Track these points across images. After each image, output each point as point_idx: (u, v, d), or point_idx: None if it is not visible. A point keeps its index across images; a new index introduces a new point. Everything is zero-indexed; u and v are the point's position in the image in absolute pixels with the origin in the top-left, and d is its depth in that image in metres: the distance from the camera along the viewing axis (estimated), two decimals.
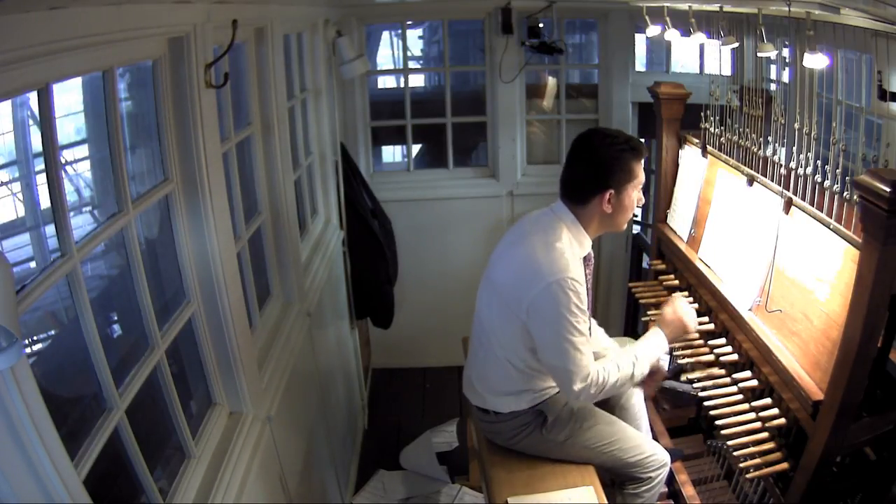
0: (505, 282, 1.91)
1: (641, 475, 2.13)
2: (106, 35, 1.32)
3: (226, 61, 1.92)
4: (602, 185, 1.85)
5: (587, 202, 1.89)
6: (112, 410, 1.39)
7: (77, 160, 1.62)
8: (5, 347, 0.90)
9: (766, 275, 2.16)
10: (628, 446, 2.10)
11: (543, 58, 4.12)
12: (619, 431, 2.11)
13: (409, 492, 3.47)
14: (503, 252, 1.99)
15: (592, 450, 2.07)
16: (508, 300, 1.89)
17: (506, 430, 2.09)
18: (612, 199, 1.86)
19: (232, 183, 2.15)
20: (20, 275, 1.19)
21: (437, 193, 4.33)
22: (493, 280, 1.99)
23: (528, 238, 1.90)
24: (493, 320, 1.99)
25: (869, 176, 1.53)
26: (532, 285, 1.81)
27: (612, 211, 1.88)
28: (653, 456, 2.13)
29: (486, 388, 2.08)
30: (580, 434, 2.05)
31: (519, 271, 1.87)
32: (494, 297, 1.97)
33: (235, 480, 1.77)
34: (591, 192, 1.87)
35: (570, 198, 1.91)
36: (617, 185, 1.86)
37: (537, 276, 1.80)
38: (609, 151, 1.85)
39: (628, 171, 1.86)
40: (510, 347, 1.96)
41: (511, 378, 2.00)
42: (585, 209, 1.90)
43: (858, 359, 1.66)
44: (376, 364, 4.62)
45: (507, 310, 1.90)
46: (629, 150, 1.86)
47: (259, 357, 2.21)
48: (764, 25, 2.30)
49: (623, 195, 1.88)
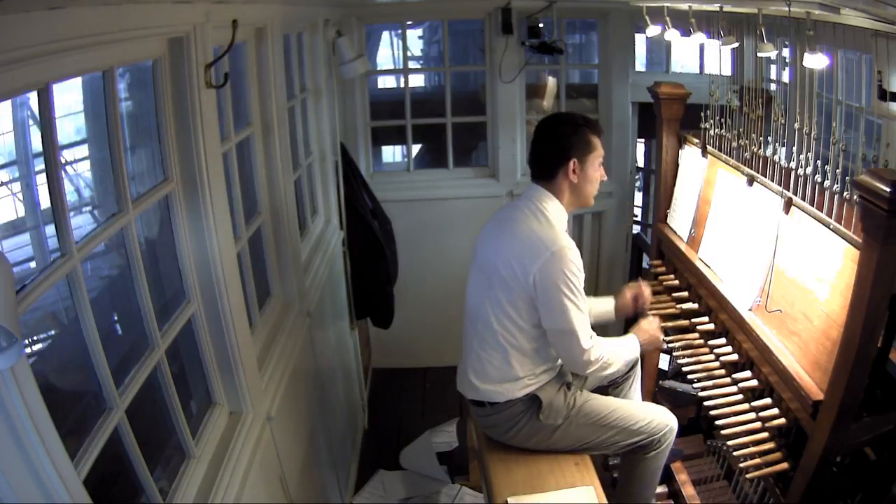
0: (506, 263, 1.98)
1: (648, 441, 2.13)
2: (106, 35, 1.32)
3: (226, 61, 1.93)
4: (565, 156, 2.00)
5: (555, 176, 2.02)
6: (112, 410, 1.39)
7: (77, 160, 1.62)
8: (5, 347, 0.90)
9: (766, 275, 2.16)
10: (627, 414, 2.12)
11: (543, 58, 4.12)
12: (615, 402, 2.16)
13: (409, 492, 3.47)
14: (494, 239, 2.05)
15: (593, 425, 2.09)
16: (512, 279, 1.96)
17: (502, 422, 2.10)
18: (576, 169, 2.00)
19: (232, 183, 2.15)
20: (20, 275, 1.19)
21: (437, 193, 4.33)
22: (488, 265, 2.04)
23: (519, 221, 2.01)
24: (493, 306, 2.02)
25: (869, 176, 1.53)
26: (536, 257, 1.92)
27: (579, 181, 2.02)
28: (655, 419, 2.14)
29: (481, 378, 2.09)
30: (577, 413, 2.08)
31: (520, 249, 1.96)
32: (495, 281, 2.01)
33: (235, 480, 1.77)
34: (556, 165, 2.01)
35: (539, 176, 2.06)
36: (579, 156, 2.00)
37: (540, 248, 1.92)
38: (567, 127, 2.01)
39: (587, 141, 2.01)
40: (515, 327, 2.00)
41: (509, 364, 2.03)
42: (555, 183, 2.03)
43: (858, 359, 1.66)
44: (376, 364, 4.62)
45: (509, 290, 1.98)
46: (585, 125, 2.02)
47: (259, 357, 2.21)
48: (764, 25, 2.30)
49: (586, 165, 2.01)
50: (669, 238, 2.90)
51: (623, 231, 4.51)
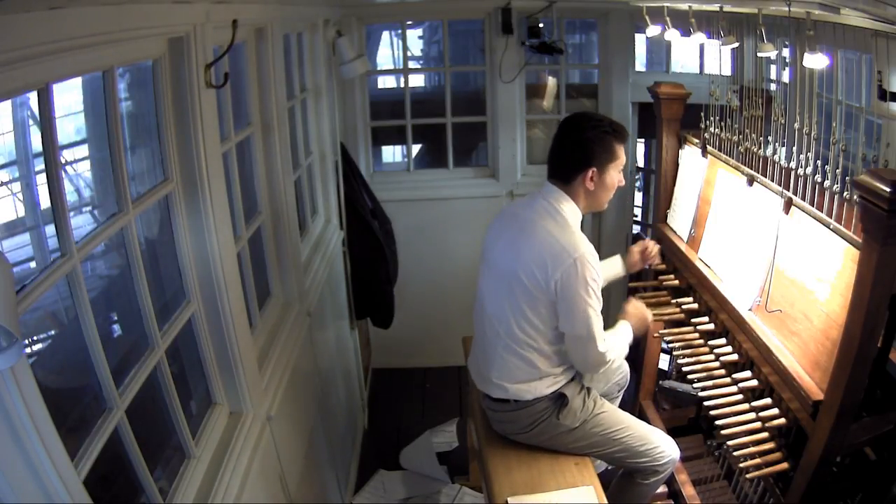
0: (527, 269, 1.96)
1: (649, 467, 2.15)
2: (106, 35, 1.32)
3: (226, 61, 1.92)
4: (585, 163, 1.96)
5: (572, 180, 1.99)
6: (112, 410, 1.39)
7: (77, 160, 1.62)
8: (5, 347, 0.90)
9: (766, 275, 2.16)
10: (638, 434, 2.13)
11: (543, 58, 4.12)
12: (628, 419, 2.16)
13: (409, 492, 3.47)
14: (512, 242, 2.02)
15: (603, 436, 2.10)
16: (534, 286, 1.95)
17: (524, 418, 2.10)
18: (594, 178, 1.97)
19: (232, 183, 2.15)
20: (20, 275, 1.19)
21: (437, 193, 4.33)
22: (508, 272, 2.01)
23: (537, 224, 1.98)
24: (515, 312, 2.01)
25: (869, 176, 1.53)
26: (559, 264, 1.90)
27: (595, 188, 1.99)
28: (661, 448, 2.15)
29: (507, 379, 2.08)
30: (592, 420, 2.09)
31: (541, 255, 1.94)
32: (516, 288, 1.99)
33: (235, 480, 1.77)
34: (576, 170, 1.97)
35: (556, 176, 2.02)
36: (599, 164, 1.96)
37: (562, 255, 1.91)
38: (593, 133, 1.96)
39: (610, 151, 1.97)
40: (537, 332, 2.00)
41: (534, 364, 2.03)
42: (571, 186, 2.00)
43: (858, 359, 1.66)
44: (376, 364, 4.62)
45: (531, 296, 1.96)
46: (612, 133, 1.97)
47: (259, 357, 2.21)
48: (764, 25, 2.30)
49: (605, 174, 1.98)
50: (669, 238, 2.90)
51: (623, 231, 4.51)
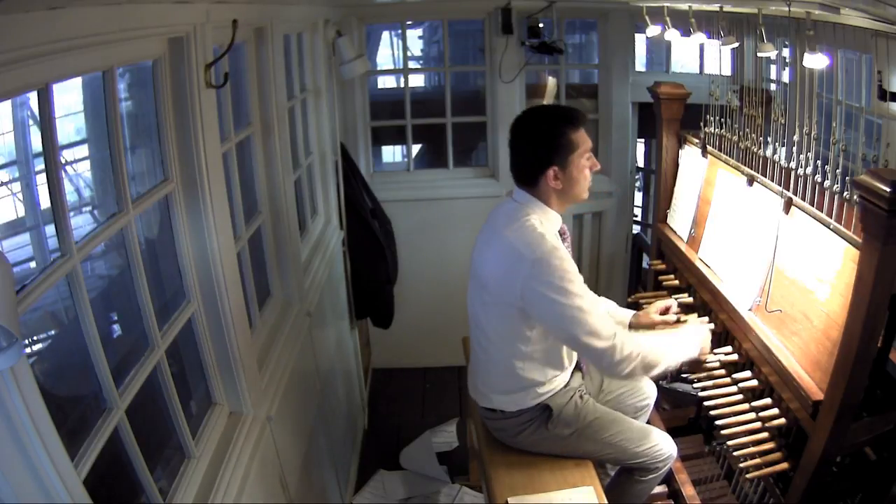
0: (492, 277, 1.91)
1: (647, 466, 2.14)
2: (106, 35, 1.32)
3: (226, 61, 1.92)
4: (544, 163, 1.84)
5: (537, 183, 1.88)
6: (112, 410, 1.39)
7: (77, 160, 1.62)
8: (5, 347, 0.90)
9: (766, 275, 2.16)
10: (634, 436, 2.11)
11: (543, 58, 4.12)
12: (623, 422, 2.13)
13: (409, 492, 3.47)
14: (483, 251, 1.98)
15: (598, 442, 2.08)
16: (501, 294, 1.88)
17: (511, 427, 2.09)
18: (558, 175, 1.85)
19: (232, 183, 2.15)
20: (20, 275, 1.19)
21: (437, 193, 4.33)
22: (480, 280, 1.98)
23: (502, 231, 1.89)
24: (490, 320, 1.99)
25: (869, 176, 1.53)
26: (519, 269, 1.80)
27: (563, 186, 1.87)
28: (658, 446, 2.14)
29: (490, 388, 2.08)
30: (585, 427, 2.07)
31: (503, 262, 1.86)
32: (486, 296, 1.96)
33: (235, 480, 1.77)
34: (537, 172, 1.86)
35: (521, 181, 1.92)
36: (559, 160, 1.84)
37: (521, 259, 1.80)
38: (544, 127, 1.84)
39: (567, 143, 1.83)
40: (510, 342, 1.96)
41: (513, 375, 2.00)
42: (538, 189, 1.89)
43: (858, 359, 1.66)
44: (376, 364, 4.62)
45: (501, 304, 1.90)
46: (564, 122, 1.84)
47: (259, 357, 2.21)
48: (764, 25, 2.30)
49: (569, 168, 1.85)
50: (669, 238, 2.90)
51: (623, 231, 4.51)
